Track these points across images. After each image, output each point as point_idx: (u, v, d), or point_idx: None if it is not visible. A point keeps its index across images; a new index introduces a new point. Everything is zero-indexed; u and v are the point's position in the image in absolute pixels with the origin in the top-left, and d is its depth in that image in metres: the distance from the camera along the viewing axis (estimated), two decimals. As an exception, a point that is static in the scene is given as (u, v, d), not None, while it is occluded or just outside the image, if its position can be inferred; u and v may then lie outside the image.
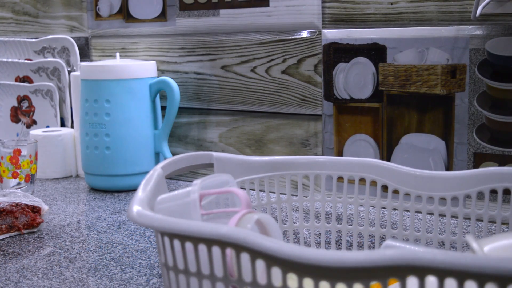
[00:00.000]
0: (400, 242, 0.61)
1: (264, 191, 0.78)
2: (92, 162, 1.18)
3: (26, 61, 1.44)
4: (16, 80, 1.47)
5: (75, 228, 0.96)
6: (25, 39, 1.47)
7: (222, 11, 1.17)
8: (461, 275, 0.40)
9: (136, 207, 0.55)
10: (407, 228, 0.75)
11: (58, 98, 1.38)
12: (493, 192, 0.71)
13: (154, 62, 1.22)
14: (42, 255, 0.85)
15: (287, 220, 0.81)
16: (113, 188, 1.18)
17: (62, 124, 1.40)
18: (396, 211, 0.94)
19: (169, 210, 0.61)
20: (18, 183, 1.10)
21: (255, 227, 0.63)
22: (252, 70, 1.15)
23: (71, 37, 1.40)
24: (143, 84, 1.17)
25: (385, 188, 0.74)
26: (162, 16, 1.26)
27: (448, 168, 0.96)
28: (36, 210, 0.94)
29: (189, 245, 0.52)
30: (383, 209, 0.97)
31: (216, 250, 0.50)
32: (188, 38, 1.23)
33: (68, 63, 1.41)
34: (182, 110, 1.24)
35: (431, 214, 0.93)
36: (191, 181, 0.63)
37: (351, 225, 0.77)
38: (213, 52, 1.20)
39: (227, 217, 0.63)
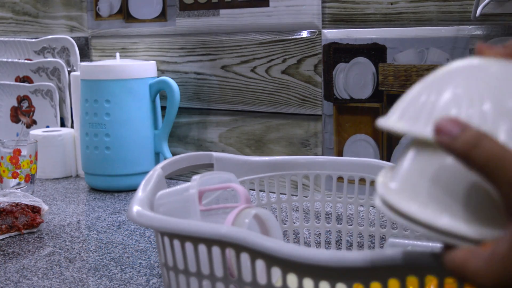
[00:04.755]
0: (404, 240, 0.61)
1: (264, 191, 0.78)
2: (92, 162, 1.18)
3: (26, 61, 1.44)
4: (16, 80, 1.47)
5: (75, 228, 0.96)
6: (25, 39, 1.47)
7: (222, 11, 1.17)
8: (461, 275, 0.40)
9: (136, 207, 0.55)
10: (407, 228, 0.75)
11: (58, 98, 1.38)
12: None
13: (154, 62, 1.22)
14: (42, 255, 0.85)
15: (287, 220, 0.81)
16: (113, 188, 1.18)
17: (62, 124, 1.40)
18: (396, 211, 0.94)
19: (168, 205, 0.61)
20: (18, 183, 1.10)
21: (253, 221, 0.63)
22: (252, 70, 1.15)
23: (71, 37, 1.40)
24: (143, 84, 1.17)
25: (385, 188, 0.74)
26: (162, 16, 1.26)
27: (448, 168, 0.96)
28: (36, 210, 0.94)
29: (189, 245, 0.52)
30: (383, 209, 0.97)
31: (216, 250, 0.50)
32: (188, 38, 1.23)
33: (68, 63, 1.41)
34: (182, 110, 1.24)
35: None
36: (191, 181, 0.63)
37: (351, 225, 0.77)
38: (213, 52, 1.20)
39: (226, 213, 0.63)
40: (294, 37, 1.09)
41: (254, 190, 0.77)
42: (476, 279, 0.34)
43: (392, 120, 0.40)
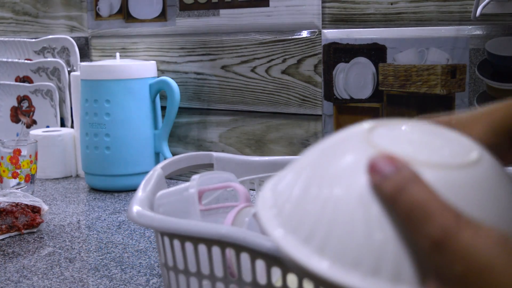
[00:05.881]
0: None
1: (264, 191, 0.78)
2: (92, 162, 1.18)
3: (26, 61, 1.44)
4: (16, 80, 1.47)
5: (75, 228, 0.96)
6: (25, 39, 1.47)
7: (222, 11, 1.17)
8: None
9: (136, 207, 0.55)
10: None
11: (58, 98, 1.38)
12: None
13: (154, 62, 1.22)
14: (42, 255, 0.85)
15: (287, 220, 0.81)
16: (113, 188, 1.18)
17: (62, 124, 1.40)
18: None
19: (168, 205, 0.61)
20: (18, 183, 1.10)
21: (253, 220, 0.63)
22: (252, 70, 1.15)
23: (71, 37, 1.40)
24: (143, 84, 1.17)
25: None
26: (162, 16, 1.26)
27: (448, 168, 0.96)
28: (36, 210, 0.94)
29: (189, 245, 0.52)
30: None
31: (216, 250, 0.50)
32: (188, 38, 1.23)
33: (68, 63, 1.41)
34: (182, 110, 1.24)
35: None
36: (191, 181, 0.63)
37: (351, 225, 0.76)
38: (213, 52, 1.20)
39: (226, 212, 0.63)
40: (294, 37, 1.09)
41: (254, 190, 0.77)
42: None
43: (278, 234, 0.34)
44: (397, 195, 0.30)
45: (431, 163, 0.32)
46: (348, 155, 0.34)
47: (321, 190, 0.33)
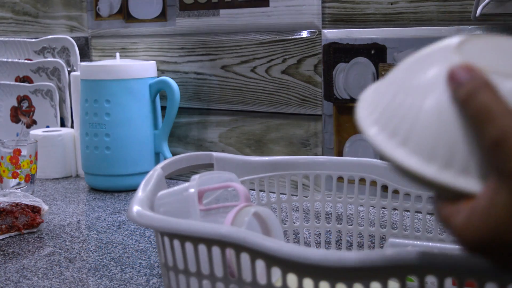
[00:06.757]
0: (404, 240, 0.61)
1: (264, 191, 0.78)
2: (92, 162, 1.18)
3: (26, 61, 1.44)
4: (16, 80, 1.47)
5: (75, 228, 0.96)
6: (25, 39, 1.47)
7: (222, 11, 1.17)
8: (461, 274, 0.40)
9: (136, 207, 0.55)
10: (407, 228, 0.75)
11: (58, 98, 1.38)
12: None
13: (154, 62, 1.22)
14: (42, 255, 0.85)
15: (287, 220, 0.81)
16: (113, 188, 1.18)
17: (62, 124, 1.40)
18: (396, 211, 0.94)
19: (168, 206, 0.61)
20: (18, 183, 1.10)
21: (253, 219, 0.63)
22: (252, 70, 1.15)
23: (71, 37, 1.40)
24: (143, 84, 1.17)
25: (385, 188, 0.74)
26: (162, 16, 1.26)
27: (448, 168, 0.96)
28: (36, 210, 0.94)
29: (189, 245, 0.52)
30: (383, 209, 0.97)
31: (216, 250, 0.50)
32: (188, 38, 1.23)
33: (68, 63, 1.41)
34: (182, 110, 1.24)
35: (431, 214, 0.93)
36: (191, 181, 0.63)
37: (351, 225, 0.77)
38: (213, 52, 1.20)
39: (226, 212, 0.63)
40: (294, 37, 1.09)
41: (254, 190, 0.77)
42: (457, 235, 0.35)
43: (379, 139, 0.40)
44: (468, 99, 0.35)
45: (508, 73, 0.37)
46: (435, 65, 0.40)
47: (408, 94, 0.39)
